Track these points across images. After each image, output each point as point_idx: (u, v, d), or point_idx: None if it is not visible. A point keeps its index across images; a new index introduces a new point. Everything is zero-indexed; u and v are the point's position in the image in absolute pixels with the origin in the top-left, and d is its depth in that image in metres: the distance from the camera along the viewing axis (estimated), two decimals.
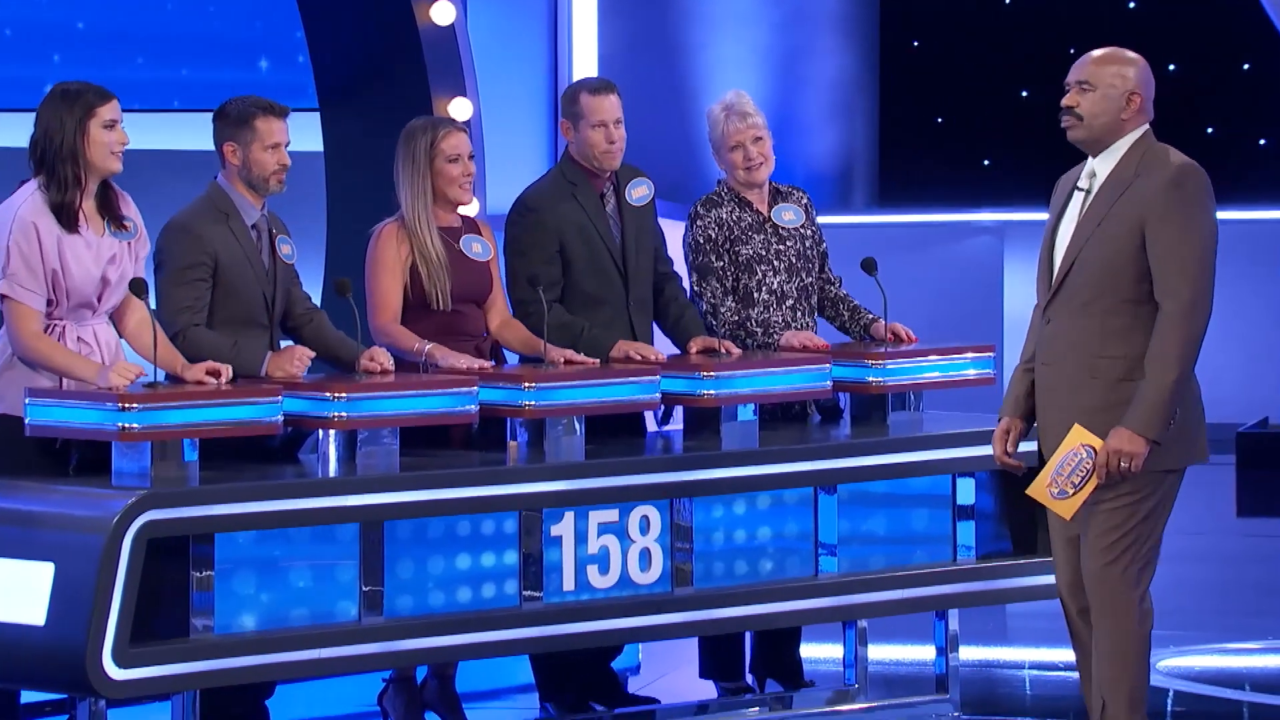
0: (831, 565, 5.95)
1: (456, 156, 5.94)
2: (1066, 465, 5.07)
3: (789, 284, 6.32)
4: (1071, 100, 5.17)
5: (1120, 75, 5.15)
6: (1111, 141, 5.15)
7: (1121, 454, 5.04)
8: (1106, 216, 5.09)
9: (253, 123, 5.68)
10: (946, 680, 6.25)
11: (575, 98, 6.16)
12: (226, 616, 5.23)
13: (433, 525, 5.48)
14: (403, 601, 5.44)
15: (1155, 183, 5.07)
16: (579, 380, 5.75)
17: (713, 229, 6.30)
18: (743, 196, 6.35)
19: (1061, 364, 5.13)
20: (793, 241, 6.34)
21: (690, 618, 5.75)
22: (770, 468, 5.84)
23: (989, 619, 7.48)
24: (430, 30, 8.86)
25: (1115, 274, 5.08)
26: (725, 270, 6.28)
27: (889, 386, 6.17)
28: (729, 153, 6.30)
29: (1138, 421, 5.04)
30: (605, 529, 5.67)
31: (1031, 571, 6.16)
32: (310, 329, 5.84)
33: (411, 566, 5.46)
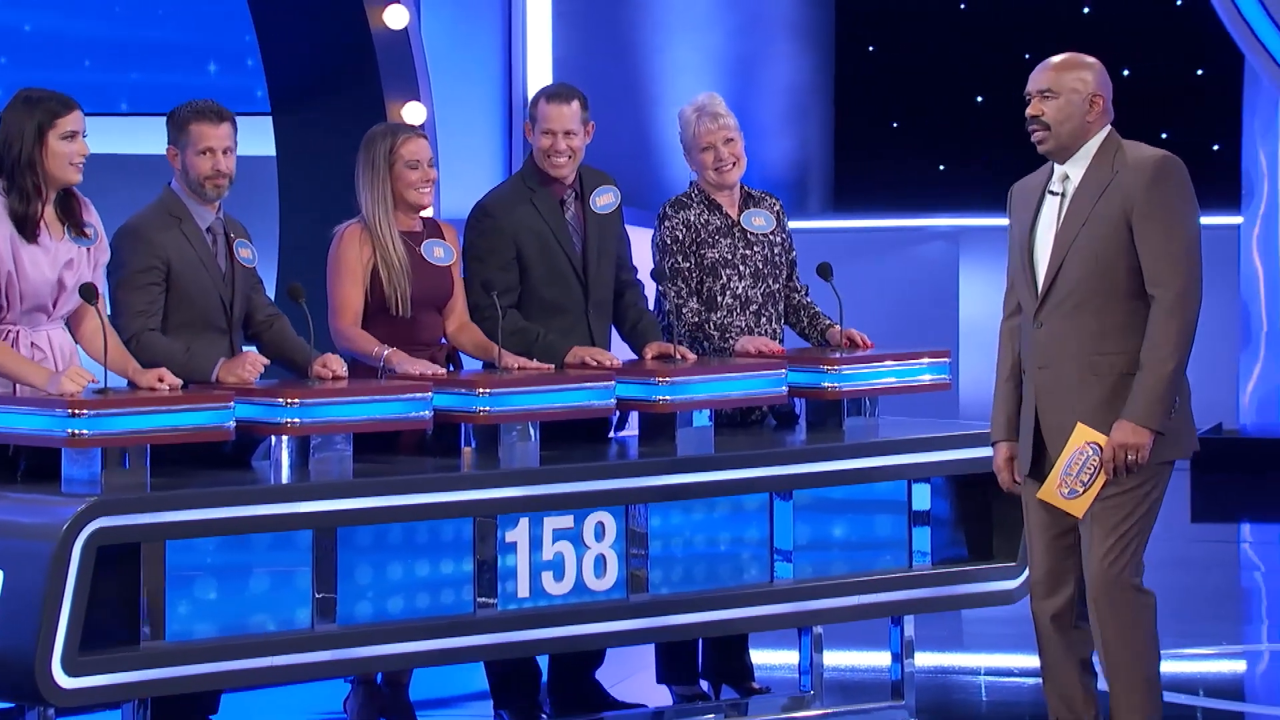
0: (787, 571, 5.94)
1: (416, 162, 5.93)
2: (1074, 464, 5.12)
3: (754, 289, 6.31)
4: (1036, 109, 5.22)
5: (1081, 80, 5.19)
6: (1079, 146, 5.20)
7: (1127, 447, 5.09)
8: (1090, 217, 5.13)
9: (187, 127, 5.67)
10: (902, 686, 6.25)
11: (535, 102, 6.16)
12: (177, 624, 5.19)
13: (386, 531, 5.45)
14: (356, 608, 5.40)
15: (1138, 177, 5.12)
16: (533, 386, 5.73)
17: (680, 230, 6.28)
18: (713, 199, 6.33)
19: (1060, 366, 5.17)
20: (760, 247, 6.33)
21: (645, 624, 5.73)
22: (725, 473, 5.83)
23: (944, 625, 7.48)
24: (383, 34, 8.83)
25: (1106, 272, 5.12)
26: (690, 272, 6.27)
27: (844, 392, 6.16)
28: (700, 153, 6.29)
29: (1139, 413, 5.09)
30: (560, 535, 5.64)
31: (987, 577, 6.16)
32: (270, 334, 5.81)
33: (365, 573, 5.42)
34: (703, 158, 6.28)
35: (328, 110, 8.82)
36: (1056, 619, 5.24)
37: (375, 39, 8.84)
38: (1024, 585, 6.20)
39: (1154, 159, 5.14)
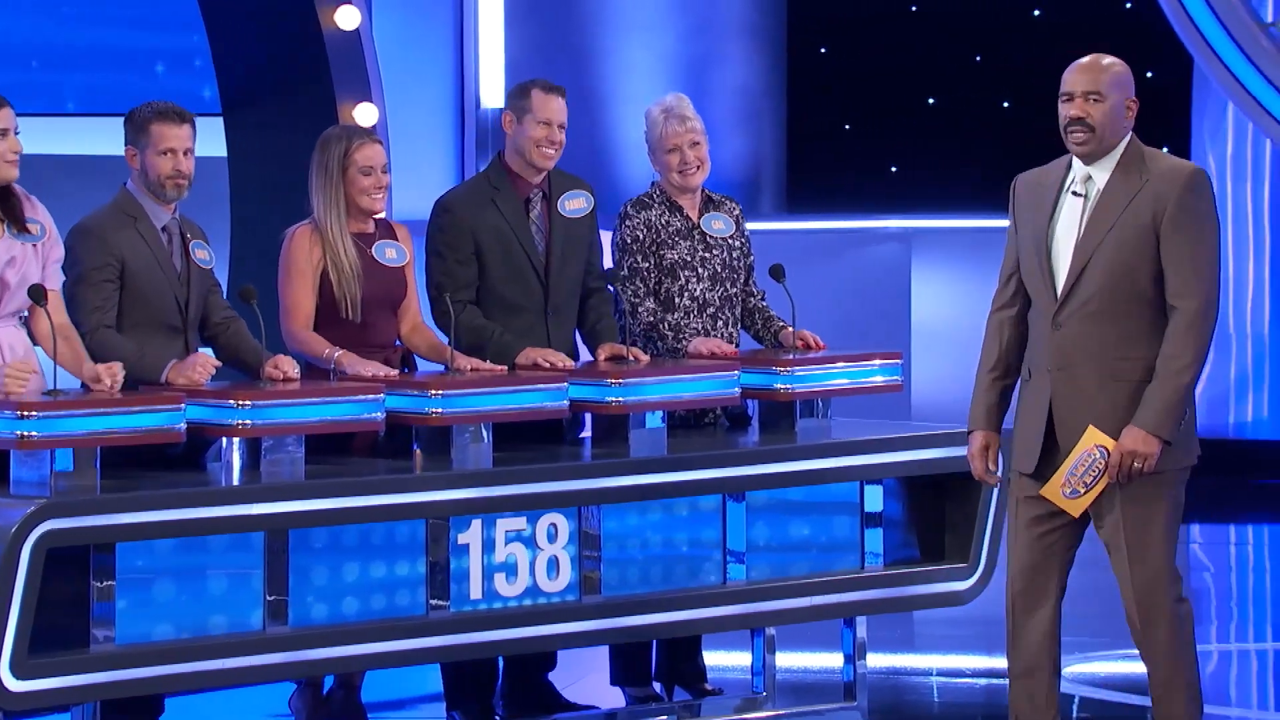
0: (740, 573, 5.94)
1: (370, 168, 5.92)
2: (1080, 465, 5.16)
3: (711, 292, 6.31)
4: (1081, 111, 5.22)
5: (1121, 85, 5.24)
6: (1111, 150, 5.21)
7: (1136, 454, 5.13)
8: (1118, 223, 5.16)
9: (148, 127, 5.65)
10: (854, 687, 6.26)
11: (526, 92, 6.13)
12: (128, 627, 5.17)
13: (338, 533, 5.43)
14: (308, 611, 5.39)
15: (1169, 187, 5.16)
16: (486, 388, 5.72)
17: (640, 230, 6.28)
18: (674, 201, 6.34)
19: (1077, 369, 5.19)
20: (720, 250, 6.34)
21: (598, 626, 5.73)
22: (678, 475, 5.83)
23: (896, 626, 7.49)
24: (335, 35, 8.81)
25: (1131, 278, 5.15)
26: (649, 272, 6.27)
27: (797, 393, 6.17)
28: (665, 155, 6.30)
29: (1151, 422, 5.12)
30: (513, 537, 5.64)
31: (939, 578, 6.18)
32: (227, 336, 5.80)
33: (317, 575, 5.41)
34: (668, 159, 6.29)
35: (279, 111, 8.79)
36: (1035, 617, 5.28)
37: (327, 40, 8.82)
38: (976, 586, 6.22)
39: (1186, 170, 5.18)
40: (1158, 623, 5.18)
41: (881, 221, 12.04)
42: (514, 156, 6.15)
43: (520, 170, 6.14)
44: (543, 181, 6.18)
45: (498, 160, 6.19)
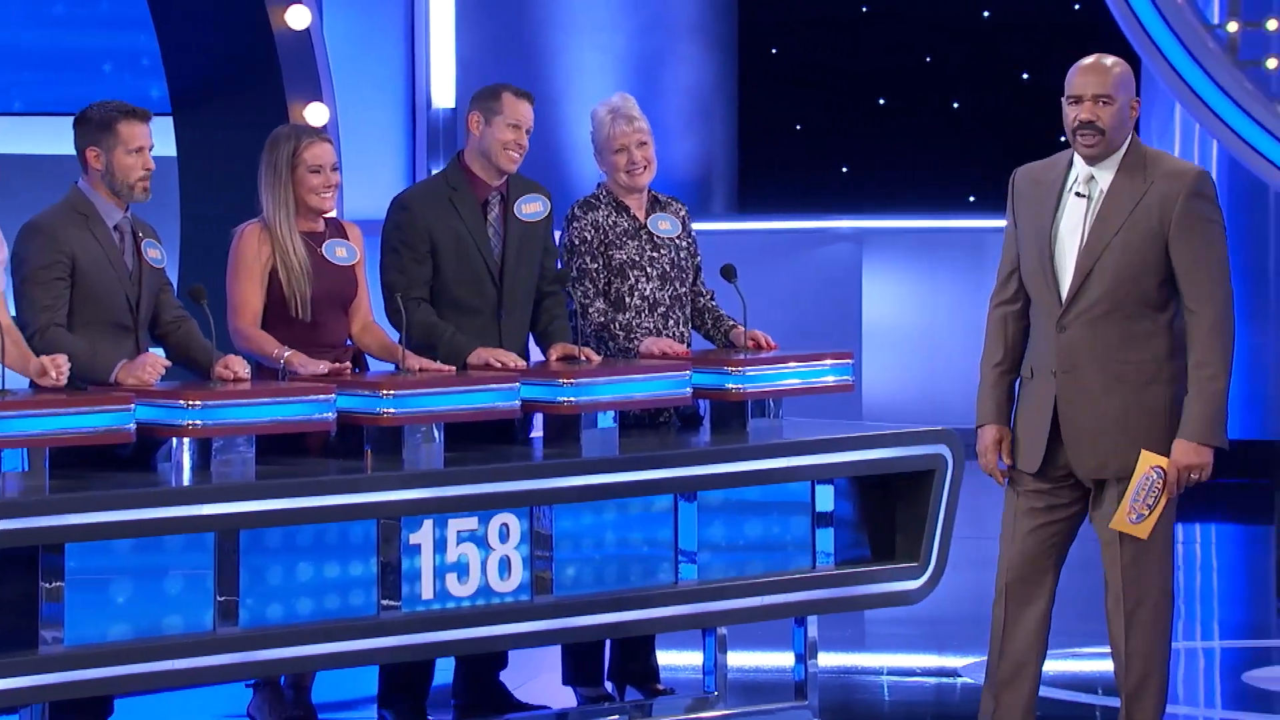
0: (691, 572, 5.95)
1: (319, 167, 5.90)
2: (1141, 489, 5.21)
3: (661, 291, 6.32)
4: (1092, 114, 5.20)
5: (1125, 84, 5.23)
6: (1115, 150, 5.22)
7: (1192, 467, 5.18)
8: (1125, 225, 5.17)
9: (115, 127, 5.62)
10: (805, 686, 6.27)
11: (497, 94, 6.13)
12: (77, 628, 5.14)
13: (289, 534, 5.42)
14: (259, 611, 5.37)
15: (1175, 189, 5.16)
16: (437, 388, 5.71)
17: (588, 231, 6.29)
18: (620, 201, 6.34)
19: (1083, 371, 5.21)
20: (667, 250, 6.35)
21: (550, 626, 5.73)
22: (630, 475, 5.83)
23: (847, 625, 7.51)
24: (285, 35, 8.79)
25: (1137, 281, 5.17)
26: (598, 273, 6.28)
27: (748, 393, 6.18)
28: (612, 155, 6.30)
29: (1198, 432, 5.16)
30: (464, 537, 5.63)
31: (890, 578, 6.20)
32: (177, 336, 5.77)
33: (268, 575, 5.39)
34: (615, 159, 6.29)
35: (229, 111, 8.76)
36: (1028, 614, 5.31)
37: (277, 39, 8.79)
38: (926, 585, 6.24)
39: (1191, 173, 5.19)
40: (1142, 617, 5.22)
41: (832, 221, 12.07)
42: (477, 158, 6.15)
43: (481, 172, 6.14)
44: (502, 184, 6.18)
45: (457, 161, 6.19)
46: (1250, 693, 6.86)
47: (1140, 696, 5.23)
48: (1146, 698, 5.22)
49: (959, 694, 6.90)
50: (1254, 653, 7.44)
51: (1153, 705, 5.23)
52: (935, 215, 12.18)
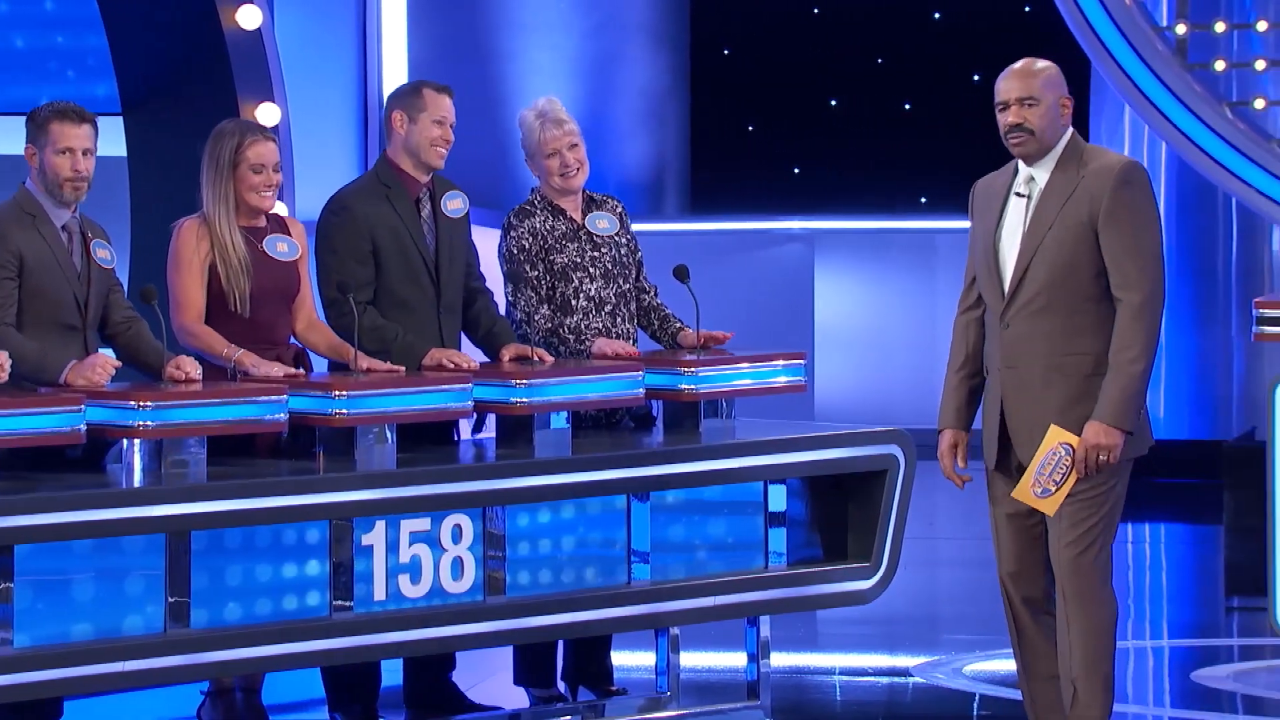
0: (644, 573, 5.95)
1: (261, 166, 5.88)
2: (1047, 465, 5.24)
3: (606, 290, 6.32)
4: (1019, 117, 5.30)
5: (1052, 84, 5.31)
6: (1051, 149, 5.28)
7: (1100, 447, 5.21)
8: (1056, 220, 5.24)
9: (48, 126, 5.60)
10: (758, 686, 6.28)
11: (418, 91, 6.13)
12: (26, 629, 5.12)
13: (241, 535, 5.40)
14: (210, 613, 5.35)
15: (1103, 182, 5.23)
16: (390, 388, 5.70)
17: (526, 239, 6.28)
18: (556, 204, 6.34)
19: (1026, 366, 5.27)
20: (608, 249, 6.35)
21: (502, 626, 5.73)
22: (583, 475, 5.83)
23: (800, 625, 7.53)
24: (236, 34, 8.76)
25: (1072, 274, 5.23)
26: (540, 279, 6.27)
27: (701, 394, 6.19)
28: (545, 159, 6.29)
29: (1110, 414, 5.20)
30: (417, 538, 5.62)
31: (842, 578, 6.21)
32: (127, 337, 5.75)
33: (219, 577, 5.38)
34: (548, 164, 6.29)
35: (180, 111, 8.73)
36: (1030, 604, 5.35)
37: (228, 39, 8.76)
38: (878, 585, 6.26)
39: (1119, 164, 5.26)
40: (1082, 605, 5.25)
41: (784, 222, 12.09)
42: (405, 156, 6.14)
43: (411, 170, 6.14)
44: (429, 181, 6.18)
45: (385, 160, 6.18)
46: (1199, 692, 6.89)
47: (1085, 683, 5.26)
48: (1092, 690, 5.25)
49: (911, 693, 6.92)
50: (1203, 651, 7.49)
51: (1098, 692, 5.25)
52: (887, 216, 12.21)
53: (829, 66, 12.77)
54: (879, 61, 12.80)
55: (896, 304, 12.00)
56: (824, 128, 12.78)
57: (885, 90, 12.74)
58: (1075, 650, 5.26)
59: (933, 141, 12.53)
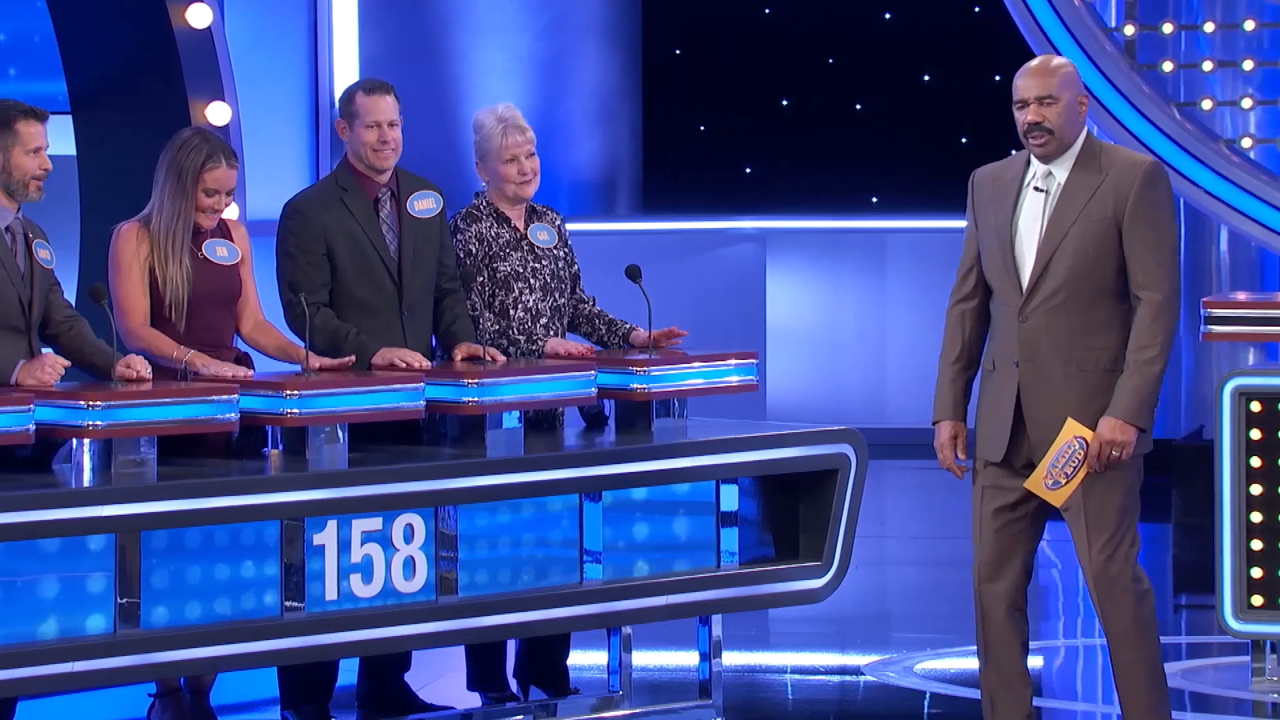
0: (596, 572, 5.95)
1: (216, 191, 5.87)
2: (1061, 458, 5.28)
3: (543, 303, 6.33)
4: (1037, 116, 5.34)
5: (1069, 83, 5.36)
6: (1069, 146, 5.33)
7: (1114, 443, 5.27)
8: (1080, 216, 5.29)
9: (14, 126, 5.57)
10: (709, 685, 6.29)
11: (351, 97, 6.14)
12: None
13: (191, 535, 5.38)
14: (160, 613, 5.34)
15: (1128, 180, 5.30)
16: (342, 388, 5.69)
17: (473, 244, 6.28)
18: (501, 212, 6.33)
19: (1044, 360, 5.31)
20: (547, 261, 6.35)
21: (454, 626, 5.72)
22: (535, 475, 5.83)
23: (752, 624, 7.54)
24: (186, 33, 8.73)
25: (1094, 270, 5.28)
26: (484, 286, 6.27)
27: (653, 393, 6.19)
28: (503, 165, 6.28)
29: (1125, 411, 5.26)
30: (369, 537, 5.61)
31: (793, 577, 6.22)
32: (69, 336, 5.72)
33: (169, 577, 5.36)
34: (506, 170, 6.28)
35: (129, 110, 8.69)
36: (1002, 602, 5.37)
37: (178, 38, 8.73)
38: (829, 584, 6.27)
39: (1144, 164, 5.33)
40: (1115, 601, 5.30)
41: (736, 222, 12.11)
42: (356, 160, 6.16)
43: (366, 171, 6.14)
44: (390, 181, 6.17)
45: (344, 162, 6.19)
46: None
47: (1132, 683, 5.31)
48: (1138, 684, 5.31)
49: (862, 692, 6.94)
50: None
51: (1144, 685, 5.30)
52: (838, 216, 12.23)
53: (780, 67, 12.80)
54: (830, 62, 12.83)
55: (848, 303, 12.03)
56: (775, 128, 12.80)
57: (836, 90, 12.77)
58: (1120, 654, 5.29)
59: (883, 141, 12.57)
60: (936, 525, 10.28)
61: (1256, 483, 6.64)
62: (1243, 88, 10.38)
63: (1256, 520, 6.64)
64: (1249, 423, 6.59)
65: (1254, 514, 6.64)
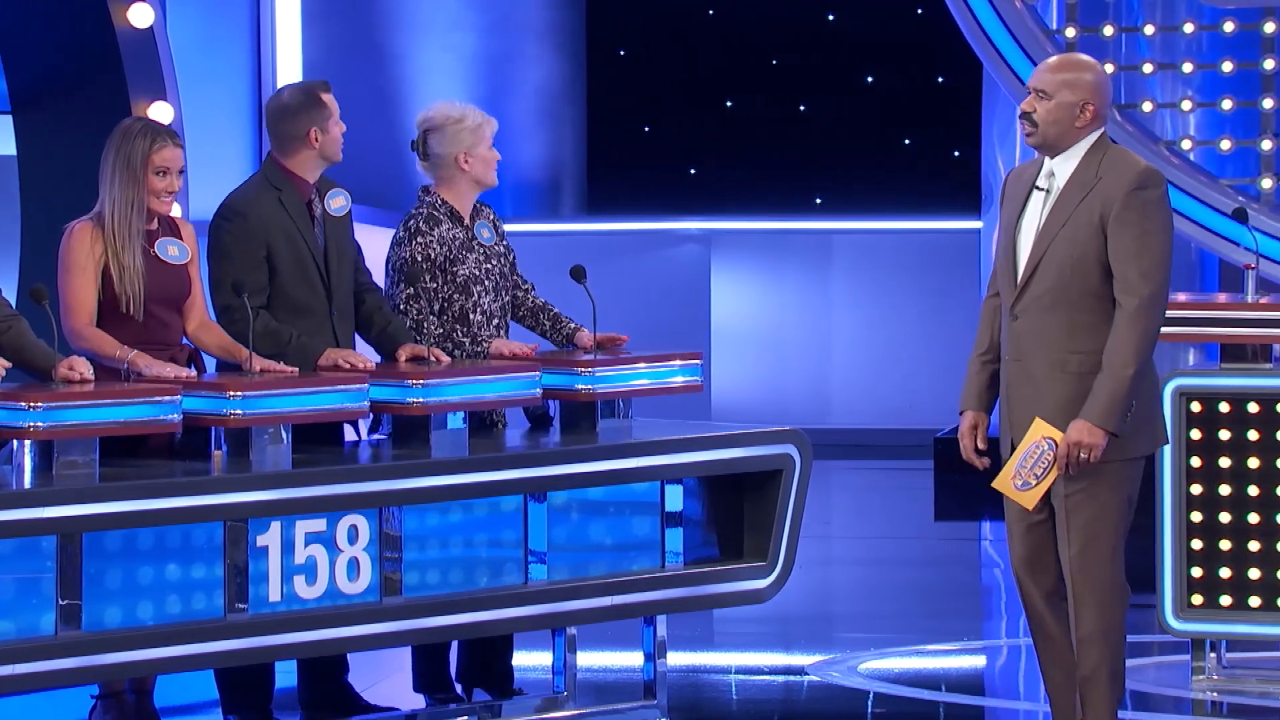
0: (541, 573, 5.95)
1: (166, 170, 5.84)
2: (1029, 458, 5.28)
3: (495, 303, 6.32)
4: (1028, 106, 5.36)
5: (1075, 85, 5.35)
6: (1068, 146, 5.35)
7: (1081, 445, 5.26)
8: (1071, 217, 5.30)
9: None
10: (654, 686, 6.30)
11: (316, 98, 6.06)
12: None
13: (134, 537, 5.36)
14: (102, 615, 5.31)
15: (1118, 184, 5.29)
16: (286, 389, 5.67)
17: (434, 247, 6.26)
18: (456, 211, 6.31)
19: (1030, 360, 5.32)
20: (496, 261, 6.34)
21: (399, 627, 5.71)
22: (480, 475, 5.83)
23: (696, 624, 7.55)
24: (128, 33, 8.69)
25: (1081, 272, 5.28)
26: (437, 291, 6.25)
27: (598, 394, 6.19)
28: (487, 150, 6.26)
29: (1096, 414, 5.25)
30: (313, 538, 5.60)
31: (738, 577, 6.24)
32: (9, 336, 5.68)
33: (112, 579, 5.33)
34: (489, 154, 6.25)
35: (71, 109, 8.65)
36: (1045, 594, 5.39)
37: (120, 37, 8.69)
38: (774, 584, 6.28)
39: (1136, 168, 5.32)
40: (1088, 603, 5.31)
41: (681, 223, 12.12)
42: (305, 162, 6.08)
43: (303, 172, 6.10)
44: (316, 181, 6.16)
45: (271, 161, 6.13)
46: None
47: (1094, 683, 5.33)
48: (1100, 684, 5.32)
49: (806, 692, 6.96)
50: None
51: (1106, 690, 5.32)
52: (783, 217, 12.26)
53: (725, 68, 12.81)
54: (774, 63, 12.85)
55: (792, 304, 12.06)
56: (720, 129, 12.82)
57: (781, 91, 12.80)
58: (1085, 650, 5.31)
59: (827, 142, 12.60)
60: (880, 525, 10.31)
61: (1197, 483, 6.68)
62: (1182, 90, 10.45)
63: (1197, 520, 6.68)
64: (1189, 423, 6.63)
65: (1194, 514, 6.68)
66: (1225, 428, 6.64)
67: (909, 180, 12.59)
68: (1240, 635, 6.70)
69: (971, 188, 11.65)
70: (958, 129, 12.08)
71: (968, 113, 11.63)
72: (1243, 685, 6.68)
